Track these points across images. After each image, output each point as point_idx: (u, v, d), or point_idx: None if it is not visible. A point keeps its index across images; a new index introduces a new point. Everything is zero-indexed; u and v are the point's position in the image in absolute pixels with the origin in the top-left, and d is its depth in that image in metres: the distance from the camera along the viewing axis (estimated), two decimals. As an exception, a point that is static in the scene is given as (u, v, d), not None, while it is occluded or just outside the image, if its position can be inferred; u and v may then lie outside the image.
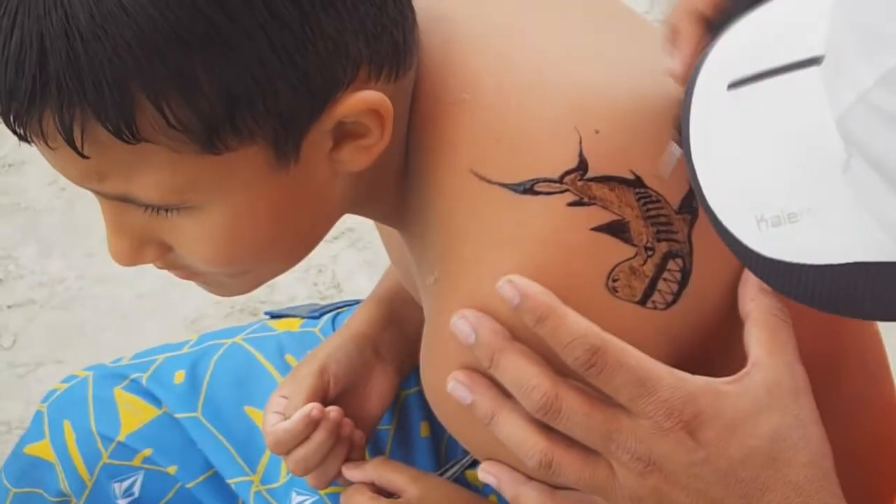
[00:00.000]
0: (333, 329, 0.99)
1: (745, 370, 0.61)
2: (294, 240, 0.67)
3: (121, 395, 0.94)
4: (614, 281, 0.61)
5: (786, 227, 0.50)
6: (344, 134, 0.62)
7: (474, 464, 0.90)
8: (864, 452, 0.74)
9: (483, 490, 0.88)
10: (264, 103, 0.57)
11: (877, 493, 0.79)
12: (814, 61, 0.49)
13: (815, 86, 0.49)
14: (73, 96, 0.55)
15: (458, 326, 0.61)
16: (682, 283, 0.62)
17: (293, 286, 1.98)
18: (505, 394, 0.62)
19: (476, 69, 0.65)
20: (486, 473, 0.65)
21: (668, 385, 0.59)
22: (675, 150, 0.61)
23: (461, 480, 0.89)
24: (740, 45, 0.55)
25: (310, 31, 0.57)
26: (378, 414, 0.88)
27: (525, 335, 0.60)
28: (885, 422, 0.79)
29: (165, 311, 1.92)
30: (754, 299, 0.62)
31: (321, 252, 2.09)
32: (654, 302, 0.62)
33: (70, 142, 0.56)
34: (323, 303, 1.98)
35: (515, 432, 0.61)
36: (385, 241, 0.88)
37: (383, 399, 0.88)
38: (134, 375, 0.95)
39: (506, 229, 0.62)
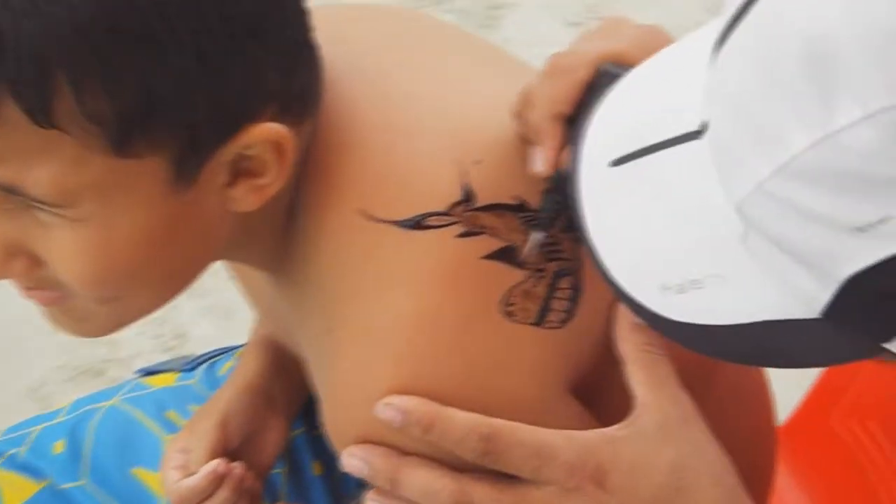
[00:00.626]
0: (210, 378, 0.98)
1: (634, 413, 0.63)
2: (170, 269, 0.64)
3: None
4: (510, 305, 0.63)
5: (691, 293, 0.52)
6: (240, 171, 0.62)
7: (371, 496, 0.91)
8: (742, 442, 0.77)
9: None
10: (180, 112, 0.56)
11: (757, 480, 0.83)
12: (694, 135, 0.51)
13: (700, 160, 0.50)
14: None
15: (350, 465, 0.63)
16: (574, 300, 0.65)
17: (136, 340, 1.94)
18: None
19: (359, 108, 0.67)
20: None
21: (562, 447, 0.61)
22: (537, 236, 0.64)
23: (360, 515, 0.90)
24: (617, 124, 0.57)
25: (235, 52, 0.57)
26: (269, 463, 0.88)
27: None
28: (760, 410, 0.84)
29: (5, 381, 1.85)
30: (627, 339, 0.65)
31: (159, 303, 2.05)
32: (549, 322, 0.64)
33: None
34: (169, 354, 1.96)
35: None
36: (249, 294, 0.87)
37: (277, 448, 0.88)
38: (10, 451, 0.92)
39: (399, 267, 0.63)
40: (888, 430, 0.97)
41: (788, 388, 1.01)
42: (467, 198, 0.64)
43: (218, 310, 2.02)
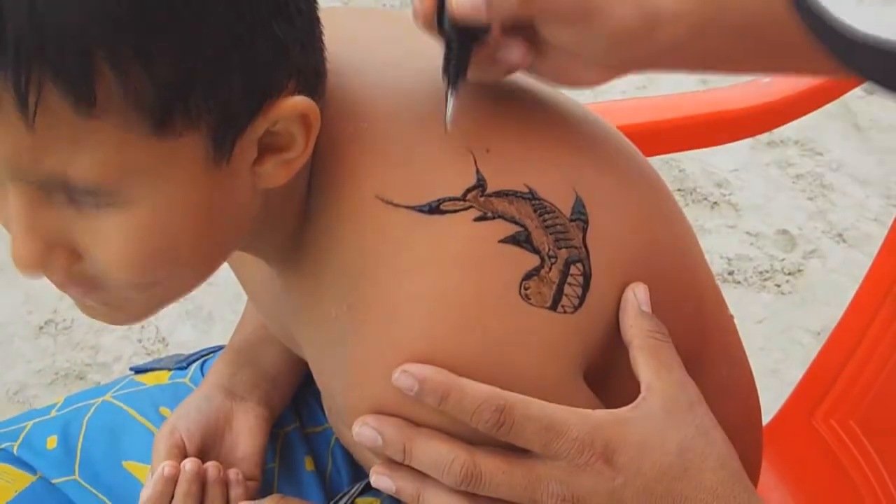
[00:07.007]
0: (201, 377, 0.99)
1: (640, 396, 0.65)
2: (206, 251, 0.65)
3: None
4: (526, 289, 0.65)
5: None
6: (268, 147, 0.63)
7: (363, 492, 0.92)
8: (731, 433, 0.80)
9: (376, 515, 0.90)
10: (217, 88, 0.57)
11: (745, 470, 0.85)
12: None
13: None
14: (32, 58, 0.52)
15: (362, 434, 0.64)
16: (585, 287, 0.66)
17: (118, 345, 1.94)
18: None
19: (370, 98, 0.68)
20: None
21: (574, 424, 0.62)
22: (452, 94, 0.65)
23: (352, 510, 0.91)
24: None
25: (261, 27, 0.58)
26: (254, 450, 0.89)
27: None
28: (748, 402, 0.86)
29: (-16, 385, 1.85)
30: (633, 325, 0.67)
31: (140, 309, 2.05)
32: (563, 307, 0.65)
33: (23, 108, 0.53)
34: (150, 358, 1.96)
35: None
36: (250, 288, 0.89)
37: (254, 434, 0.89)
38: (3, 445, 0.92)
39: (418, 250, 0.64)
40: (866, 428, 0.99)
41: (771, 390, 1.03)
42: (480, 184, 0.66)
43: (198, 314, 2.02)
